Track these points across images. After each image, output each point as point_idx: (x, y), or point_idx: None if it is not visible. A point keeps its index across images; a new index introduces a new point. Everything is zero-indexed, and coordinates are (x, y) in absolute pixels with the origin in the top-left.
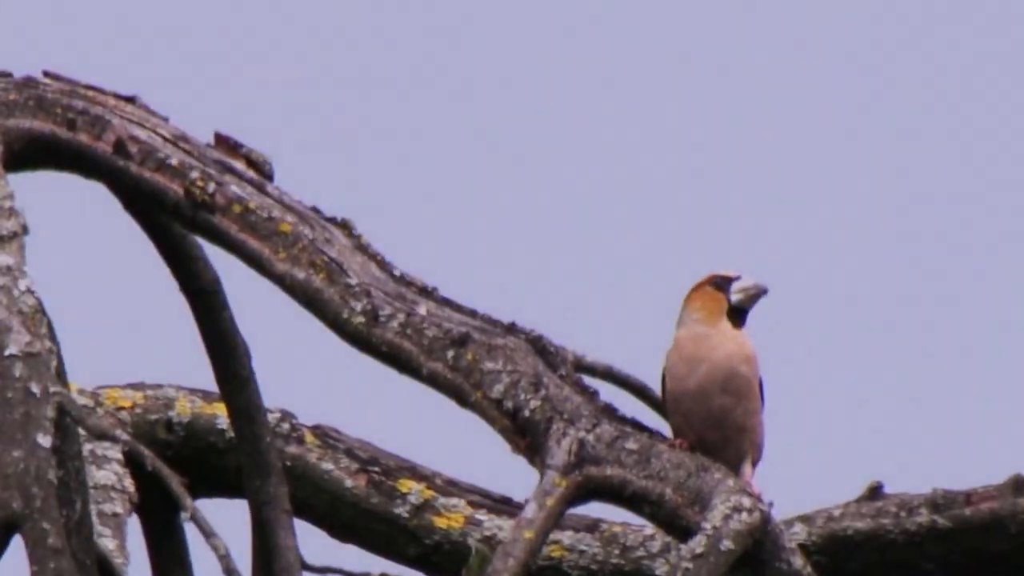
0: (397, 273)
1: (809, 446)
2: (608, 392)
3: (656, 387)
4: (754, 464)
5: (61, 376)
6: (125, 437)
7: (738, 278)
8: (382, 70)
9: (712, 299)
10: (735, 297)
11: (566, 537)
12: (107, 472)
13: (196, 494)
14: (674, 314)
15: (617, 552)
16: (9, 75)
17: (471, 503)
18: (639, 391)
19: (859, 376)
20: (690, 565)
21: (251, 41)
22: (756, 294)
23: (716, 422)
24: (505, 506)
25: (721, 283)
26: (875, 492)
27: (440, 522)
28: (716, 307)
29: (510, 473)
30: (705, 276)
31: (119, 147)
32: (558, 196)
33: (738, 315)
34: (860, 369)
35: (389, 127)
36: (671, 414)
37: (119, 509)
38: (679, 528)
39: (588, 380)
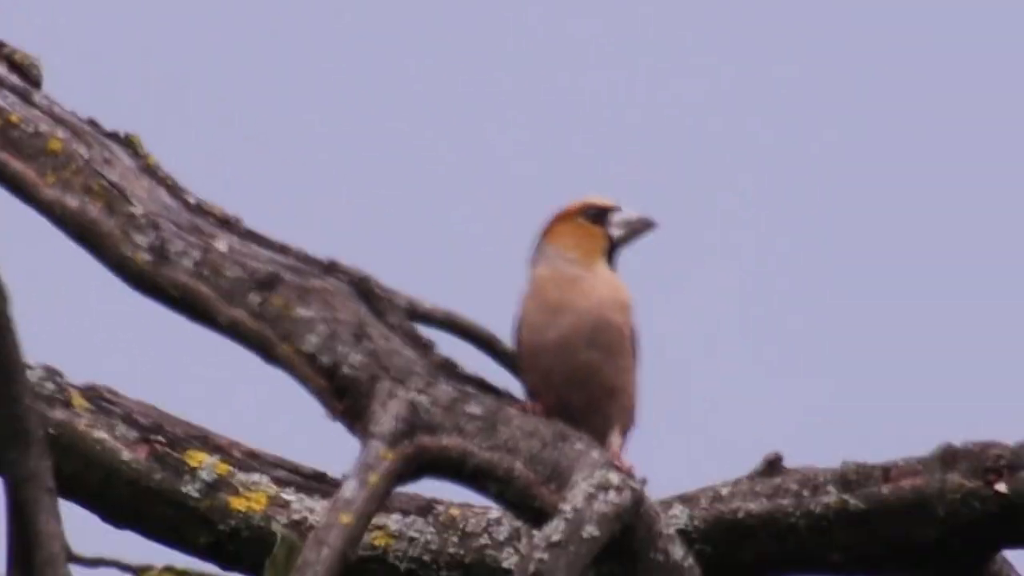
0: (192, 200)
1: (693, 411)
2: (448, 344)
3: (507, 338)
4: (625, 433)
5: None
6: None
7: (617, 209)
8: None
9: (587, 234)
10: (615, 232)
11: (393, 521)
12: None
13: None
14: (527, 250)
15: (455, 539)
16: None
17: (276, 480)
18: (486, 343)
19: (755, 329)
20: (545, 556)
21: None
22: (641, 229)
23: (580, 382)
24: (318, 484)
25: (598, 214)
26: (773, 466)
27: (238, 503)
28: (593, 244)
29: (325, 443)
30: (575, 204)
31: None
32: (390, 113)
33: (611, 254)
34: (756, 321)
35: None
36: (525, 371)
37: None
38: (532, 510)
39: (423, 330)
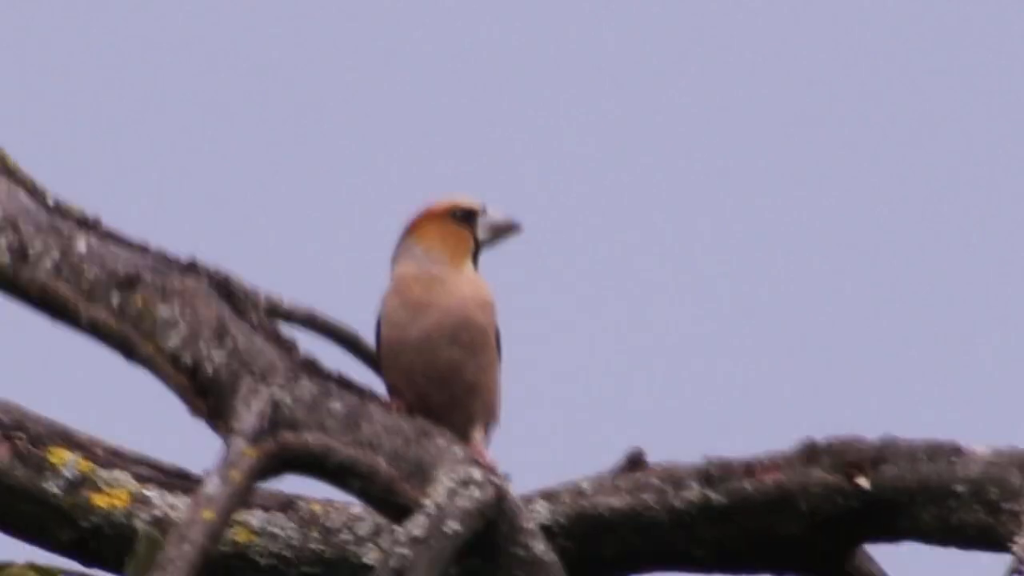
0: (51, 202)
1: (555, 408)
2: (310, 343)
3: (369, 337)
4: (487, 430)
5: None
6: None
7: (483, 211)
8: None
9: (455, 235)
10: (483, 235)
11: (255, 518)
12: None
13: None
14: (390, 246)
15: (317, 535)
16: None
17: (138, 477)
18: (348, 341)
19: (616, 326)
20: (407, 551)
21: None
22: (507, 232)
23: (442, 379)
24: (181, 481)
25: (466, 216)
26: (635, 462)
27: (100, 500)
28: (460, 245)
29: (187, 441)
30: (443, 204)
31: None
32: (248, 114)
33: (475, 255)
34: (617, 319)
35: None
36: (387, 369)
37: None
38: (394, 506)
39: (285, 329)
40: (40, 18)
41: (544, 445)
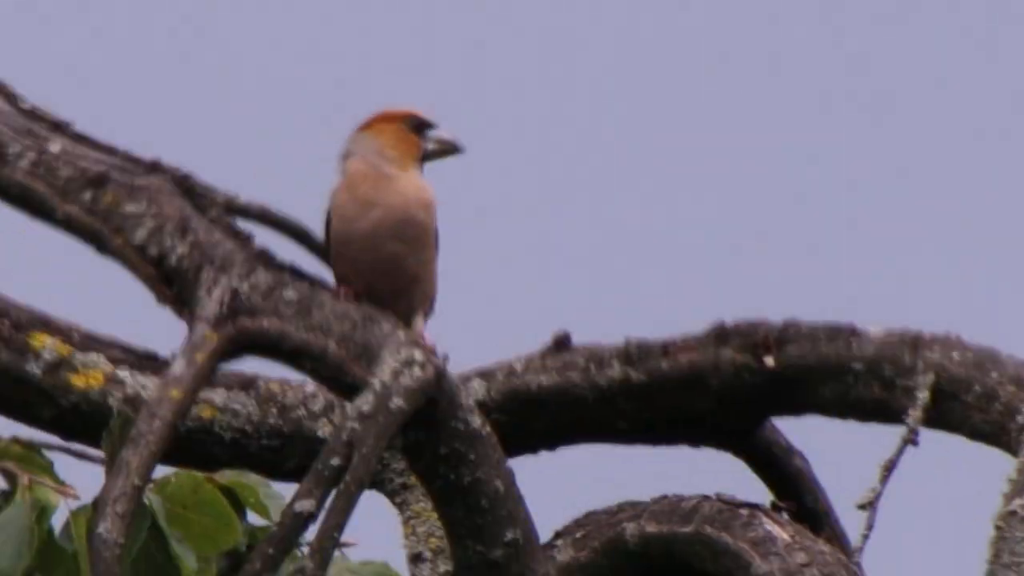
0: (26, 106)
1: (488, 295)
2: (264, 236)
3: (318, 230)
4: (427, 317)
5: None
6: None
7: (436, 126)
8: None
9: (405, 139)
10: (429, 146)
11: (218, 396)
12: None
13: None
14: (338, 144)
15: (275, 411)
16: None
17: (112, 359)
18: (299, 235)
19: (543, 216)
20: (356, 425)
21: None
22: (450, 151)
23: (387, 270)
24: (150, 362)
25: (419, 126)
26: (562, 343)
27: (78, 381)
28: (408, 150)
29: (155, 326)
30: (401, 110)
31: None
32: (209, 21)
33: (421, 163)
34: (545, 209)
35: None
36: (336, 260)
37: None
38: (344, 385)
39: (242, 223)
40: None
41: (479, 330)
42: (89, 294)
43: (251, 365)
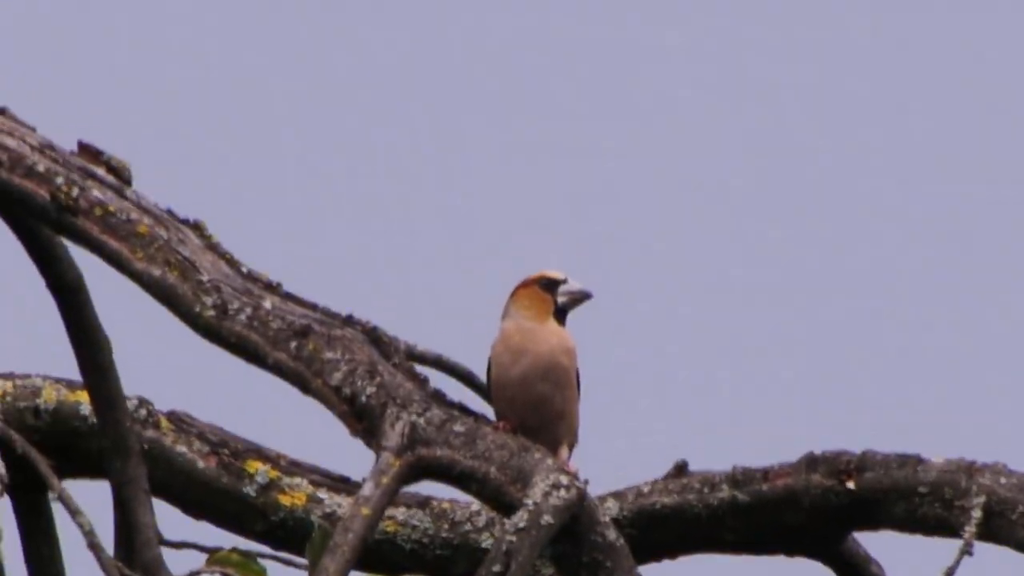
0: (245, 270)
1: (621, 431)
2: (437, 379)
3: (482, 375)
4: (571, 447)
5: None
6: None
7: (565, 281)
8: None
9: (540, 299)
10: (561, 299)
11: (400, 513)
12: None
13: (62, 476)
14: (499, 309)
15: (446, 527)
16: None
17: (313, 482)
18: (466, 378)
19: (665, 368)
20: (514, 538)
21: (110, 49)
22: (581, 299)
23: (537, 408)
24: (344, 485)
25: (549, 284)
26: (681, 470)
27: (285, 500)
28: (543, 306)
29: (349, 455)
30: (535, 275)
31: None
32: (392, 196)
33: (561, 314)
34: (665, 362)
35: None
36: (495, 400)
37: None
38: (503, 504)
39: (419, 368)
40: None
41: (613, 458)
42: (294, 428)
43: (426, 487)
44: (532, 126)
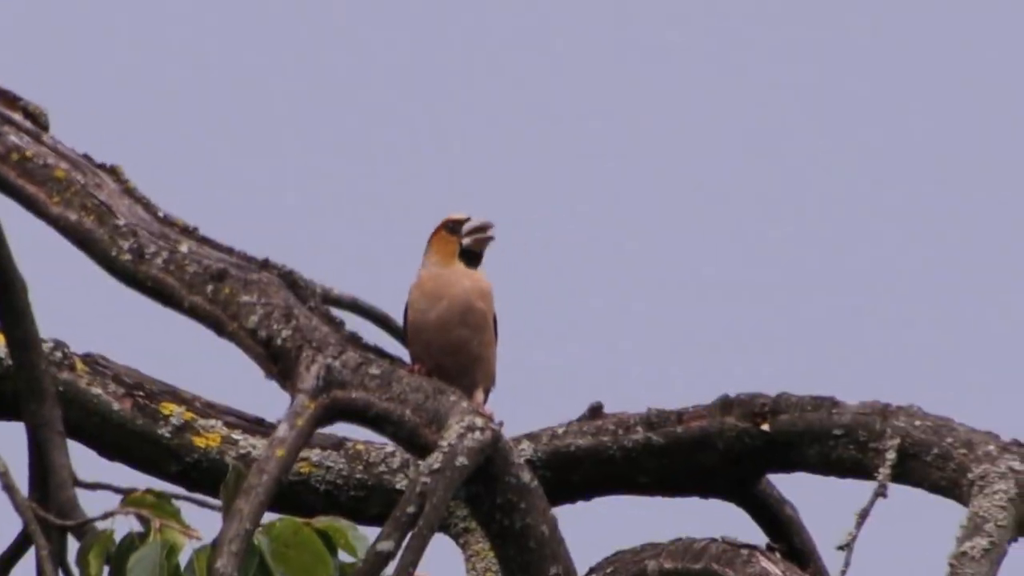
0: (161, 214)
1: (537, 373)
2: (353, 322)
3: (398, 318)
4: (487, 391)
5: None
6: None
7: (467, 220)
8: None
9: (445, 242)
10: (465, 241)
11: (314, 454)
12: None
13: None
14: (419, 252)
15: (361, 468)
16: None
17: (227, 424)
18: (382, 321)
19: (583, 309)
20: (428, 480)
21: (110, 49)
22: (483, 234)
23: (454, 352)
24: (259, 427)
25: (453, 226)
26: (595, 412)
27: (199, 441)
28: (448, 249)
29: (264, 397)
30: (442, 220)
31: None
32: (314, 140)
33: (472, 255)
34: (583, 304)
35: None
36: (412, 343)
37: None
38: (418, 446)
39: (335, 311)
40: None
41: (529, 401)
42: (209, 370)
43: (341, 429)
44: (532, 126)
